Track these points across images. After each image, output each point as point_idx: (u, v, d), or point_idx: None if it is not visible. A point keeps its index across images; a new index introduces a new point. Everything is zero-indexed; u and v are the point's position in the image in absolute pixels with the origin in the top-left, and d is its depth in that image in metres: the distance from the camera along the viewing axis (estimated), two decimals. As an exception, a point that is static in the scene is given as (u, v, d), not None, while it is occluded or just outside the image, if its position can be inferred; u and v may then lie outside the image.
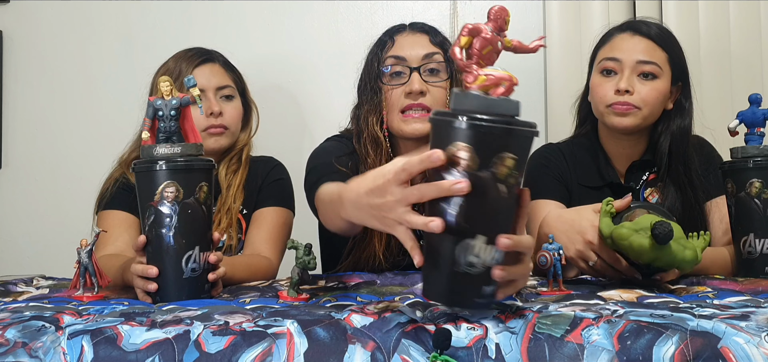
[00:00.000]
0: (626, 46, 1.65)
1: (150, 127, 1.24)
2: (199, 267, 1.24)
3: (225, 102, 1.76)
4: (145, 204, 1.24)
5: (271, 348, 0.96)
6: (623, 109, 1.62)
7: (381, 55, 1.58)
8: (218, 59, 1.80)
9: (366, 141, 1.57)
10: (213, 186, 1.28)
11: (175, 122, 1.24)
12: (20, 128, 2.41)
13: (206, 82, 1.74)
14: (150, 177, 1.22)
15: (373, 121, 1.58)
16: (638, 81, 1.63)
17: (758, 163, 1.44)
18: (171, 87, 1.24)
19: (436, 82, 1.56)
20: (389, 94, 1.57)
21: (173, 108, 1.24)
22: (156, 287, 1.23)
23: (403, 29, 1.64)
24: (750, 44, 2.18)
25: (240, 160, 1.79)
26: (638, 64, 1.63)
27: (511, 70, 2.15)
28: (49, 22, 2.41)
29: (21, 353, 0.97)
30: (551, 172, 1.72)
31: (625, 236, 1.23)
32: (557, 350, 0.93)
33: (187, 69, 1.71)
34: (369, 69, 1.61)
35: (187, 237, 1.23)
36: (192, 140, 1.26)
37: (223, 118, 1.75)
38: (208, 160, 1.27)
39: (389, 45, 1.59)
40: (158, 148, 1.22)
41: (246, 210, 1.77)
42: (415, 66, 1.55)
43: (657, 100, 1.63)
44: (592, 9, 2.22)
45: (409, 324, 0.98)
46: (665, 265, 1.24)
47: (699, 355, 0.90)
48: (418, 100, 1.53)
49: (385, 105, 1.57)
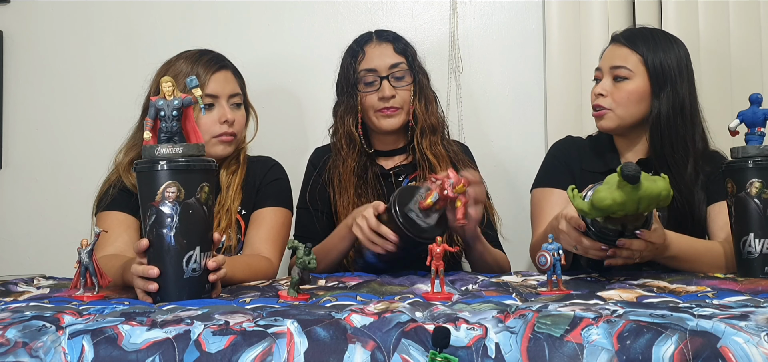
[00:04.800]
0: (608, 55, 1.81)
1: (151, 127, 1.24)
2: (200, 268, 1.24)
3: (235, 110, 1.76)
4: (146, 204, 1.24)
5: (272, 348, 0.96)
6: (599, 113, 1.78)
7: (355, 66, 1.85)
8: (230, 66, 1.79)
9: (341, 136, 1.86)
10: (214, 186, 1.28)
11: (176, 122, 1.24)
12: (20, 128, 2.41)
13: (220, 89, 1.73)
14: (151, 177, 1.22)
15: (349, 121, 1.86)
16: (612, 84, 1.76)
17: (758, 163, 1.45)
18: (173, 87, 1.24)
19: (402, 85, 1.85)
20: (365, 98, 1.84)
21: (175, 108, 1.23)
22: (157, 287, 1.23)
23: (371, 39, 1.88)
24: (750, 44, 2.18)
25: (238, 161, 1.79)
26: (612, 69, 1.77)
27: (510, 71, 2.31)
28: (49, 22, 2.41)
29: (21, 353, 0.98)
30: (559, 163, 1.87)
31: (603, 197, 1.25)
32: (557, 350, 0.94)
33: (205, 75, 1.70)
34: (346, 75, 1.87)
35: (188, 237, 1.23)
36: (193, 140, 1.26)
37: (234, 126, 1.75)
38: (209, 160, 1.27)
39: (361, 56, 1.85)
40: (160, 148, 1.22)
41: (244, 210, 1.77)
42: (384, 75, 1.83)
43: (629, 100, 1.74)
44: (591, 9, 2.22)
45: (409, 323, 0.98)
46: (648, 204, 1.28)
47: (698, 355, 0.90)
48: (389, 102, 1.83)
49: (362, 107, 1.85)
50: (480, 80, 2.32)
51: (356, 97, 1.84)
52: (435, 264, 1.21)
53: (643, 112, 1.75)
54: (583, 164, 1.84)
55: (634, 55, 1.74)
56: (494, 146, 2.31)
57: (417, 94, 1.85)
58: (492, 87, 2.32)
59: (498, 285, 1.34)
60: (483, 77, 2.32)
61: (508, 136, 2.31)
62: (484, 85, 2.32)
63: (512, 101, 2.32)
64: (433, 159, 1.83)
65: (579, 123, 2.16)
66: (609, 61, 1.78)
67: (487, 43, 2.33)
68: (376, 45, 1.86)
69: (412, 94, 1.85)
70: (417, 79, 1.87)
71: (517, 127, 2.32)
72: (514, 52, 2.32)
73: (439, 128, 1.89)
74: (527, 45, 2.32)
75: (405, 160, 1.90)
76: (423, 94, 1.87)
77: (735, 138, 1.52)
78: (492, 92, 2.32)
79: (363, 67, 1.84)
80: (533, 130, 2.30)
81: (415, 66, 1.87)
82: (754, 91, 1.52)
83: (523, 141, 2.30)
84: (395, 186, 1.86)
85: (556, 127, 2.19)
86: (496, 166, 2.25)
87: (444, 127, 1.92)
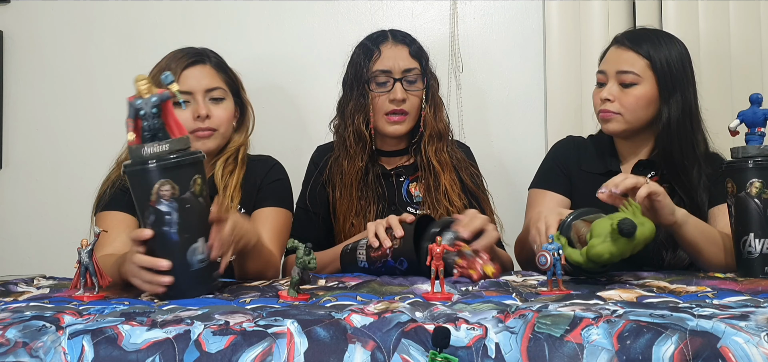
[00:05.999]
0: (611, 59, 1.79)
1: (133, 128, 1.23)
2: (206, 258, 1.25)
3: (214, 104, 1.74)
4: (142, 205, 1.23)
5: (272, 348, 0.96)
6: (606, 115, 1.77)
7: (368, 65, 1.82)
8: (210, 60, 1.77)
9: (351, 134, 1.83)
10: (205, 175, 1.28)
11: (157, 119, 1.23)
12: (20, 128, 2.41)
13: (195, 83, 1.72)
14: (143, 178, 1.22)
15: (359, 119, 1.82)
16: (619, 89, 1.75)
17: (758, 163, 1.45)
18: (148, 84, 1.23)
19: (414, 90, 1.83)
20: (375, 99, 1.82)
21: (154, 105, 1.22)
22: (171, 280, 1.22)
23: (386, 39, 1.86)
24: (750, 44, 2.18)
25: (236, 160, 1.78)
26: (618, 74, 1.75)
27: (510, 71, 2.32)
28: (49, 22, 2.41)
29: (22, 353, 0.98)
30: (556, 164, 1.87)
31: (600, 252, 1.29)
32: (557, 350, 0.94)
33: (176, 69, 1.70)
34: (357, 73, 1.84)
35: (190, 231, 1.23)
36: (177, 134, 1.25)
37: (211, 121, 1.73)
38: (197, 152, 1.27)
39: (376, 55, 1.82)
40: (146, 148, 1.21)
41: (244, 209, 1.77)
42: (398, 77, 1.81)
43: (637, 105, 1.74)
44: (592, 9, 2.22)
45: (409, 323, 0.98)
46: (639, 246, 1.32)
47: (698, 355, 0.90)
48: (400, 106, 1.81)
49: (372, 107, 1.82)
50: (480, 80, 2.32)
51: (367, 96, 1.82)
52: (435, 265, 1.21)
53: (650, 116, 1.75)
54: (582, 165, 1.84)
55: (641, 59, 1.73)
56: (494, 146, 2.31)
57: (428, 99, 1.85)
58: (492, 87, 2.32)
59: (498, 285, 1.34)
60: (483, 77, 2.32)
61: (508, 136, 2.31)
62: (484, 85, 2.32)
63: (512, 101, 2.32)
64: (438, 165, 1.83)
65: (579, 123, 2.16)
66: (614, 65, 1.76)
67: (487, 43, 2.33)
68: (391, 46, 1.84)
69: (422, 99, 1.84)
70: (429, 85, 1.86)
71: (517, 127, 2.32)
72: (514, 52, 2.32)
73: (445, 135, 1.89)
74: (527, 45, 2.32)
75: (407, 160, 1.90)
76: (433, 100, 1.87)
77: (735, 138, 1.52)
78: (492, 92, 2.32)
79: (377, 67, 1.82)
80: (533, 130, 2.30)
81: (427, 71, 1.86)
82: (754, 91, 1.52)
83: (523, 141, 2.30)
84: (396, 186, 1.86)
85: (556, 127, 2.19)
86: (496, 166, 2.25)
87: (449, 133, 1.92)
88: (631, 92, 1.73)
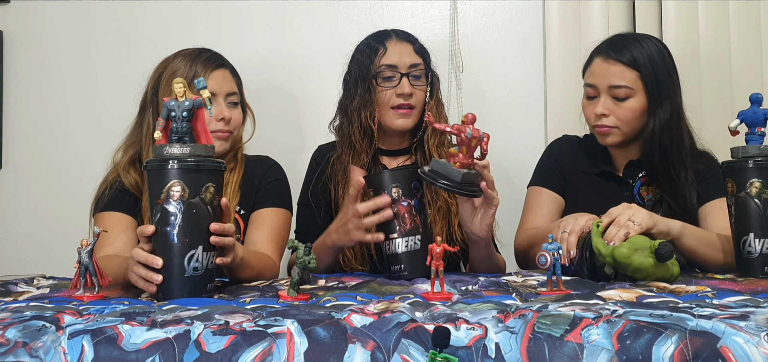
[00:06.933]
0: (600, 72, 1.77)
1: (163, 127, 1.26)
2: (202, 267, 1.25)
3: (232, 108, 1.77)
4: (153, 201, 1.25)
5: (272, 348, 0.96)
6: (604, 130, 1.78)
7: (374, 60, 1.84)
8: (227, 65, 1.80)
9: (356, 129, 1.84)
10: (221, 187, 1.29)
11: (187, 123, 1.25)
12: (20, 128, 2.41)
13: (219, 87, 1.74)
14: (159, 175, 1.24)
15: (366, 115, 1.83)
16: (613, 103, 1.75)
17: (758, 162, 1.45)
18: (185, 88, 1.26)
19: (419, 86, 1.86)
20: (382, 94, 1.84)
21: (186, 109, 1.25)
22: (161, 278, 1.23)
23: (390, 36, 1.88)
24: (750, 45, 2.18)
25: (235, 160, 1.80)
26: (611, 88, 1.75)
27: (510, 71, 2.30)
28: (49, 22, 2.41)
29: (21, 353, 0.98)
30: (551, 164, 1.91)
31: (626, 255, 1.31)
32: (557, 350, 0.94)
33: (204, 73, 1.72)
34: (362, 70, 1.85)
35: (191, 236, 1.23)
36: (204, 141, 1.27)
37: (230, 124, 1.76)
38: (218, 161, 1.28)
39: (381, 51, 1.85)
40: (169, 148, 1.24)
41: (243, 210, 1.77)
42: (405, 72, 1.83)
43: (633, 117, 1.75)
44: (592, 9, 2.22)
45: (408, 323, 0.98)
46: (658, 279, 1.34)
47: (698, 355, 0.90)
48: (407, 100, 1.83)
49: (378, 103, 1.83)
50: (480, 80, 2.32)
51: (373, 92, 1.84)
52: (435, 264, 1.22)
53: (644, 124, 1.76)
54: (576, 164, 1.87)
55: (630, 71, 1.73)
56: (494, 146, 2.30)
57: (432, 96, 1.87)
58: (492, 87, 2.33)
59: (498, 285, 1.34)
60: (483, 77, 2.32)
61: (508, 136, 2.31)
62: (484, 85, 2.32)
63: (512, 101, 2.32)
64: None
65: (579, 123, 2.15)
66: (604, 79, 1.75)
67: (487, 43, 2.33)
68: (396, 42, 1.87)
69: (426, 96, 1.86)
70: (432, 82, 1.89)
71: (517, 127, 2.32)
72: (514, 52, 2.33)
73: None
74: (527, 45, 2.32)
75: (408, 160, 1.90)
76: (436, 97, 1.89)
77: (735, 138, 1.52)
78: (492, 92, 2.33)
79: (383, 62, 1.84)
80: (533, 130, 2.30)
81: (430, 68, 1.89)
82: (754, 91, 1.52)
83: (523, 141, 2.31)
84: None
85: (556, 127, 2.19)
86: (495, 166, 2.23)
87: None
88: (625, 105, 1.74)
